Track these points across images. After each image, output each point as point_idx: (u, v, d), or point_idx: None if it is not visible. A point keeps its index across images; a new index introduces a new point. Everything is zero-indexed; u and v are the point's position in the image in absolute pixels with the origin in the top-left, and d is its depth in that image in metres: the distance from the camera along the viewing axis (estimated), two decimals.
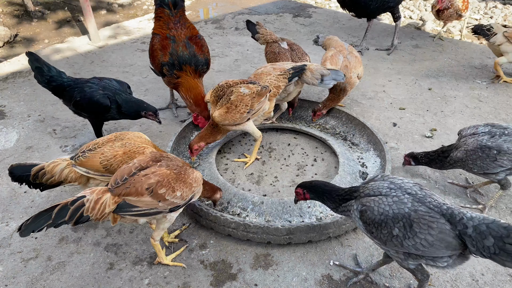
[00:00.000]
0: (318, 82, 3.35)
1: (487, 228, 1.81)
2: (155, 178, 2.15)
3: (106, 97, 3.17)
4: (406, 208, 1.94)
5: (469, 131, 2.80)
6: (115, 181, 2.16)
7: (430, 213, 1.91)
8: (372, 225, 2.00)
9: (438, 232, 1.87)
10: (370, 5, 4.98)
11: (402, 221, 1.92)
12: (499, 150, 2.58)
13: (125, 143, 2.55)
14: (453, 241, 1.88)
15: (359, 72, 3.79)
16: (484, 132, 2.71)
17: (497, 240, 1.78)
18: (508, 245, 1.75)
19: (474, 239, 1.83)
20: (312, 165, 3.45)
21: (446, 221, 1.89)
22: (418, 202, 1.96)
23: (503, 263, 1.80)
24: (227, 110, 3.05)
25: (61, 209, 2.00)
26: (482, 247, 1.81)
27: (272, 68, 3.37)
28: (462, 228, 1.86)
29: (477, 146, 2.64)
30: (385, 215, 1.95)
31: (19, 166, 2.44)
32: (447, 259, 1.95)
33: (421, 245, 1.90)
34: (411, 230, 1.90)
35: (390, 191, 2.02)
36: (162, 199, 2.16)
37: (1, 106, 4.34)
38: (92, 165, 2.47)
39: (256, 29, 4.14)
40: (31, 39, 6.18)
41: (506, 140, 2.59)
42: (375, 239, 2.06)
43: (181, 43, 3.61)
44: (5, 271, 2.51)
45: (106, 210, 2.08)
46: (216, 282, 2.43)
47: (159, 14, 3.75)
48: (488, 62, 5.23)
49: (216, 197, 2.69)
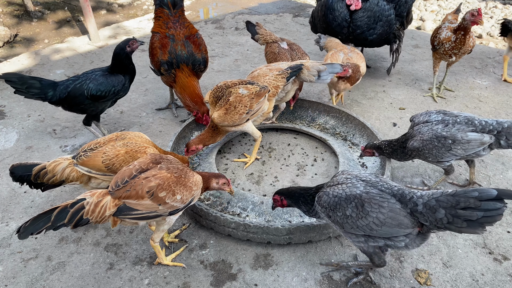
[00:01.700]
0: (315, 78, 3.35)
1: (437, 202, 1.91)
2: (155, 181, 2.14)
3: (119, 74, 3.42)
4: (358, 191, 2.08)
5: (421, 118, 2.83)
6: (115, 183, 2.15)
7: (381, 194, 2.04)
8: (328, 208, 2.13)
9: (388, 211, 1.98)
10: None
11: (354, 201, 2.06)
12: (453, 139, 2.63)
13: (127, 142, 2.55)
14: (405, 219, 1.97)
15: (361, 67, 3.78)
16: (437, 121, 2.73)
17: (448, 210, 1.87)
18: (460, 210, 1.84)
19: (426, 214, 1.93)
20: (312, 165, 3.45)
21: (397, 200, 2.01)
22: (371, 186, 2.10)
23: (459, 230, 1.89)
24: (226, 111, 3.05)
25: (60, 212, 1.99)
26: (435, 220, 1.91)
27: (268, 69, 3.37)
28: (413, 206, 1.97)
29: (433, 136, 2.68)
30: (338, 197, 2.10)
31: (20, 166, 2.44)
32: (403, 238, 2.03)
33: (374, 224, 2.00)
34: (363, 210, 2.02)
35: (347, 180, 2.18)
36: (162, 202, 2.15)
37: (1, 106, 4.34)
38: (94, 165, 2.47)
39: (256, 30, 4.14)
40: (31, 39, 6.18)
41: (460, 129, 2.64)
42: (334, 224, 2.18)
43: (179, 42, 3.65)
44: (5, 271, 2.51)
45: (107, 213, 2.07)
46: (216, 282, 2.43)
47: (159, 14, 3.80)
48: (488, 62, 5.23)
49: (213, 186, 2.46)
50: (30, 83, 3.22)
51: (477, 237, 2.72)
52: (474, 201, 1.81)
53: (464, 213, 1.83)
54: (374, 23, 4.14)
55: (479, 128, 2.64)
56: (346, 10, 4.12)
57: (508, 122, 2.65)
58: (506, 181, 3.22)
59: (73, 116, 4.15)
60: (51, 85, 3.28)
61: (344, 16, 4.13)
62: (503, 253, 2.61)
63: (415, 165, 3.41)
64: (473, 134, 2.62)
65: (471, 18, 3.63)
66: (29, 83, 3.22)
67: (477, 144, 2.63)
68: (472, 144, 2.63)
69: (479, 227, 1.84)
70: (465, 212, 1.83)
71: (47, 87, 3.26)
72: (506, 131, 2.62)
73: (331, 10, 4.17)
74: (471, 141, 2.62)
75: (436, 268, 2.51)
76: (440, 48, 4.01)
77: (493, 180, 3.23)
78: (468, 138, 2.62)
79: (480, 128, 2.65)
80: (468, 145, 2.63)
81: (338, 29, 4.23)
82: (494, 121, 2.67)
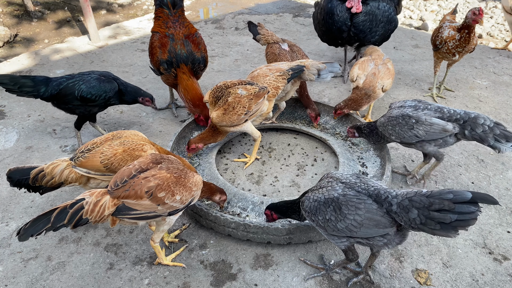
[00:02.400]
0: (315, 77, 3.37)
1: (410, 202, 1.90)
2: (155, 181, 2.13)
3: (112, 81, 3.34)
4: (336, 193, 2.11)
5: (398, 104, 2.96)
6: (114, 183, 2.14)
7: (358, 195, 2.05)
8: (311, 213, 2.19)
9: (365, 212, 1.99)
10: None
11: (332, 205, 2.09)
12: (417, 119, 2.75)
13: (123, 141, 2.54)
14: (382, 219, 1.98)
15: (385, 84, 3.56)
16: (410, 106, 2.88)
17: (421, 210, 1.85)
18: (434, 212, 1.81)
19: (400, 214, 1.93)
20: (312, 165, 3.45)
21: (373, 201, 2.02)
22: (349, 188, 2.12)
23: (433, 232, 1.86)
24: (224, 112, 3.05)
25: (59, 213, 1.98)
26: (409, 220, 1.90)
27: (268, 70, 3.37)
28: (388, 206, 1.97)
29: (399, 114, 2.84)
30: (318, 201, 2.15)
31: (17, 170, 2.41)
32: (380, 238, 2.05)
33: (352, 226, 2.03)
34: (341, 213, 2.05)
35: (328, 183, 2.22)
36: (162, 202, 2.14)
37: (1, 106, 4.34)
38: (93, 165, 2.47)
39: (257, 30, 4.15)
40: (31, 39, 6.18)
41: (427, 113, 2.77)
42: (319, 228, 2.22)
43: (179, 41, 3.65)
44: (5, 271, 2.51)
45: (106, 212, 2.07)
46: (216, 282, 2.43)
47: (159, 14, 3.81)
48: (488, 62, 5.23)
49: (215, 199, 2.64)
50: (22, 82, 3.22)
51: (477, 237, 2.72)
52: (448, 203, 1.77)
53: (437, 215, 1.79)
54: (376, 26, 4.11)
55: (446, 116, 2.75)
56: (346, 14, 4.07)
57: (475, 113, 2.71)
58: (506, 181, 3.22)
59: (73, 116, 4.15)
60: (44, 81, 3.27)
61: (344, 20, 4.08)
62: (503, 253, 2.61)
63: (415, 165, 3.41)
64: (437, 120, 2.72)
65: (472, 16, 3.63)
66: (21, 83, 3.22)
67: (439, 130, 2.72)
68: (434, 128, 2.72)
69: (452, 230, 1.79)
70: (439, 214, 1.79)
71: (39, 83, 3.26)
72: (471, 122, 2.68)
73: (331, 14, 4.12)
74: (433, 125, 2.72)
75: (436, 268, 2.51)
76: (443, 47, 4.00)
77: (493, 180, 3.23)
78: (432, 121, 2.72)
79: (447, 116, 2.75)
80: (430, 128, 2.72)
81: (337, 33, 4.20)
82: (463, 111, 2.74)
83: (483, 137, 2.66)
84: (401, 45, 5.81)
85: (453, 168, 3.38)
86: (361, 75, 3.58)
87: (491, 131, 2.64)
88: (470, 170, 3.36)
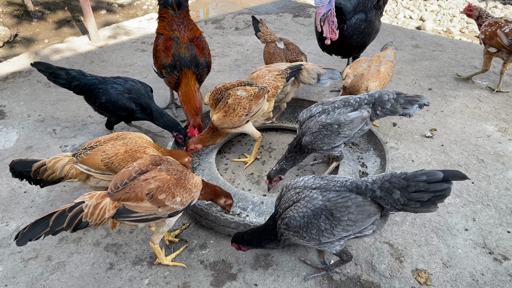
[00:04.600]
0: (314, 81, 3.39)
1: (390, 184, 1.96)
2: (155, 183, 2.12)
3: (131, 101, 3.27)
4: (319, 202, 2.06)
5: (305, 116, 2.94)
6: (114, 185, 2.12)
7: (340, 195, 2.05)
8: (302, 231, 2.10)
9: (355, 207, 2.02)
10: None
11: (322, 214, 2.04)
12: (338, 123, 2.78)
13: (127, 142, 2.55)
14: (371, 208, 2.03)
15: (369, 86, 3.47)
16: (319, 112, 2.86)
17: (402, 191, 1.94)
18: (413, 193, 1.92)
19: (385, 198, 1.99)
20: (312, 165, 3.45)
21: (356, 194, 2.04)
22: (327, 191, 2.09)
23: (415, 210, 1.97)
24: (225, 114, 3.05)
25: (58, 216, 1.97)
26: (393, 201, 1.97)
27: (267, 71, 3.37)
28: (371, 193, 2.01)
29: (320, 126, 2.81)
30: (306, 216, 2.06)
31: (20, 162, 2.45)
32: (370, 226, 2.10)
33: (348, 226, 2.04)
34: (334, 218, 2.03)
35: (299, 195, 2.13)
36: (162, 204, 2.13)
37: (1, 106, 4.34)
38: (93, 163, 2.47)
39: (259, 27, 4.17)
40: (31, 39, 6.18)
41: (340, 112, 2.80)
42: (310, 242, 2.15)
43: (183, 45, 3.61)
44: (5, 271, 2.51)
45: (106, 215, 2.06)
46: (216, 282, 2.43)
47: (163, 14, 3.74)
48: None
49: (220, 202, 2.60)
50: (57, 73, 3.31)
51: (477, 237, 2.72)
52: (424, 184, 1.89)
53: (416, 195, 1.91)
54: (366, 36, 3.96)
55: (356, 106, 2.81)
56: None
57: (378, 92, 2.82)
58: (506, 181, 3.22)
59: (73, 116, 4.15)
60: (77, 77, 3.33)
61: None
62: (503, 253, 2.61)
63: (415, 165, 3.42)
64: (353, 113, 2.78)
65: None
66: (56, 73, 3.30)
67: (359, 121, 2.80)
68: (355, 122, 2.79)
69: (431, 205, 1.93)
70: (417, 194, 1.91)
71: (72, 79, 3.32)
72: (379, 101, 2.77)
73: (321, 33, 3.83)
74: (354, 120, 2.78)
75: (436, 268, 2.51)
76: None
77: (493, 180, 3.23)
78: (350, 118, 2.77)
79: (357, 105, 2.81)
80: (352, 124, 2.79)
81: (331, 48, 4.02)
82: (366, 95, 2.84)
83: (393, 110, 2.79)
84: (401, 45, 5.81)
85: (453, 168, 3.38)
86: (350, 75, 3.58)
87: (397, 103, 2.77)
88: (470, 170, 3.36)
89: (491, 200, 3.04)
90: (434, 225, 2.82)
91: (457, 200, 3.04)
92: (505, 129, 3.89)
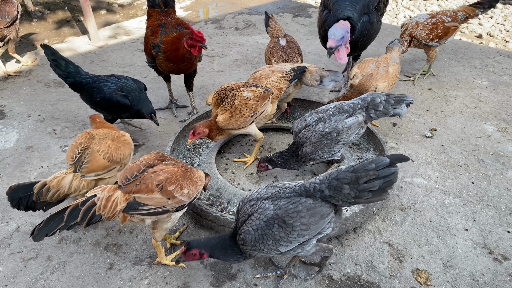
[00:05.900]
0: (317, 83, 3.41)
1: (338, 181, 1.98)
2: (164, 175, 2.18)
3: (125, 97, 3.30)
4: (271, 211, 2.04)
5: (300, 126, 2.92)
6: (125, 177, 2.17)
7: (290, 200, 2.04)
8: (258, 243, 2.05)
9: (307, 211, 2.00)
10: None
11: (275, 223, 2.02)
12: (337, 131, 2.80)
13: (103, 135, 2.64)
14: (323, 208, 2.03)
15: (378, 87, 3.50)
16: (315, 121, 2.87)
17: (352, 185, 1.95)
18: (363, 184, 1.94)
19: (334, 196, 2.00)
20: (312, 165, 3.45)
21: (306, 197, 2.04)
22: (277, 199, 2.08)
23: (368, 201, 1.99)
24: (231, 115, 3.03)
25: (72, 211, 1.99)
26: (344, 197, 1.99)
27: (270, 71, 3.37)
28: (320, 194, 2.02)
29: (319, 136, 2.81)
30: (260, 228, 2.03)
31: (18, 187, 2.34)
32: (328, 225, 2.10)
33: (303, 230, 2.02)
34: (287, 225, 2.01)
35: (253, 207, 2.11)
36: (171, 196, 2.18)
37: (1, 106, 4.34)
38: (99, 165, 2.50)
39: (268, 22, 4.23)
40: (31, 39, 6.18)
41: (337, 120, 2.82)
42: (270, 253, 2.12)
43: (170, 27, 3.73)
44: (5, 271, 2.51)
45: (118, 208, 2.09)
46: (216, 282, 2.43)
47: (151, 13, 3.91)
48: (488, 62, 5.23)
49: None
50: (58, 62, 3.34)
51: (477, 237, 2.72)
52: (373, 172, 1.92)
53: (367, 185, 1.93)
54: (369, 37, 3.98)
55: (351, 111, 2.83)
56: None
57: (369, 95, 2.84)
58: (506, 181, 3.22)
59: (73, 116, 4.15)
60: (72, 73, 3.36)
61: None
62: (503, 253, 2.61)
63: (415, 165, 3.42)
64: (349, 120, 2.81)
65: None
66: (57, 62, 3.34)
67: (356, 126, 2.83)
68: (352, 128, 2.82)
69: (383, 193, 1.96)
70: (368, 184, 1.93)
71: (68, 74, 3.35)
72: (372, 104, 2.80)
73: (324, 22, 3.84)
74: (351, 126, 2.81)
75: (436, 268, 2.51)
76: None
77: (493, 180, 3.23)
78: (348, 124, 2.80)
79: (351, 111, 2.83)
80: (350, 131, 2.82)
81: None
82: (359, 99, 2.86)
83: (385, 112, 2.83)
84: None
85: (453, 168, 3.38)
86: (358, 74, 3.59)
87: (388, 104, 2.80)
88: (470, 170, 3.36)
89: (491, 200, 3.04)
90: (434, 225, 2.82)
91: (457, 200, 3.04)
92: (505, 129, 3.89)
